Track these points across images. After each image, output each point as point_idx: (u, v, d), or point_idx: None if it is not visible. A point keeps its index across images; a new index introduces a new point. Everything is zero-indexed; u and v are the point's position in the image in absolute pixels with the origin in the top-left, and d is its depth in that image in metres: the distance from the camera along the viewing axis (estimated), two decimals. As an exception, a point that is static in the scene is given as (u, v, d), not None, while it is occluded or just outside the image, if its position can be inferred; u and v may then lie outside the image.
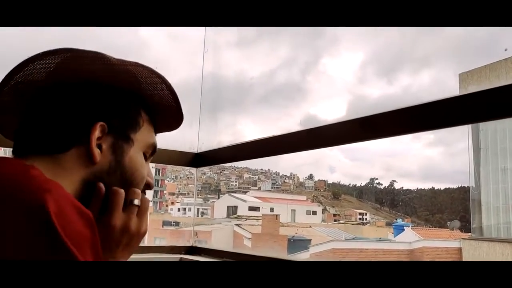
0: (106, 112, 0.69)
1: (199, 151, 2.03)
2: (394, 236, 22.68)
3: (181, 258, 1.88)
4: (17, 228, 0.51)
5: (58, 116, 0.67)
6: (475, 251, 10.87)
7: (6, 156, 0.68)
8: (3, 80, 0.68)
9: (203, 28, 2.20)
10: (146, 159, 0.76)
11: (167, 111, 0.79)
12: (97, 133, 0.67)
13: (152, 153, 0.78)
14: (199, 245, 1.94)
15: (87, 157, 0.66)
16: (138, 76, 0.72)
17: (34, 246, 0.50)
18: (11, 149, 0.70)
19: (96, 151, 0.67)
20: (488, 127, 10.81)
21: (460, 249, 13.61)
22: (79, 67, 0.68)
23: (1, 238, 0.50)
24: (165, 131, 0.84)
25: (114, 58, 0.69)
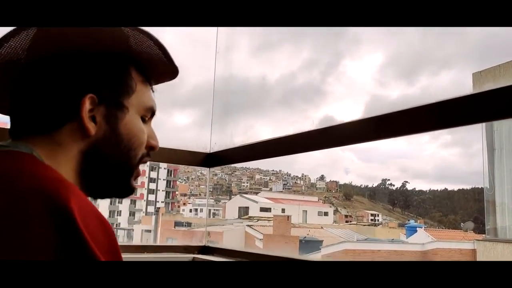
0: (94, 83, 0.67)
1: (211, 152, 2.03)
2: (407, 237, 22.46)
3: (194, 257, 1.89)
4: (38, 222, 0.51)
5: (46, 94, 0.66)
6: (490, 253, 10.70)
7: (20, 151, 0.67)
8: None
9: (222, 29, 2.20)
10: (145, 122, 0.74)
11: (159, 65, 0.76)
12: (87, 106, 0.66)
13: (152, 115, 0.76)
14: (211, 246, 1.95)
15: (81, 131, 0.66)
16: (123, 36, 0.69)
17: (55, 240, 0.50)
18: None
19: (90, 125, 0.66)
20: (502, 127, 10.64)
21: (474, 251, 13.43)
22: (59, 37, 0.66)
23: (21, 231, 0.50)
24: (164, 82, 0.81)
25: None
